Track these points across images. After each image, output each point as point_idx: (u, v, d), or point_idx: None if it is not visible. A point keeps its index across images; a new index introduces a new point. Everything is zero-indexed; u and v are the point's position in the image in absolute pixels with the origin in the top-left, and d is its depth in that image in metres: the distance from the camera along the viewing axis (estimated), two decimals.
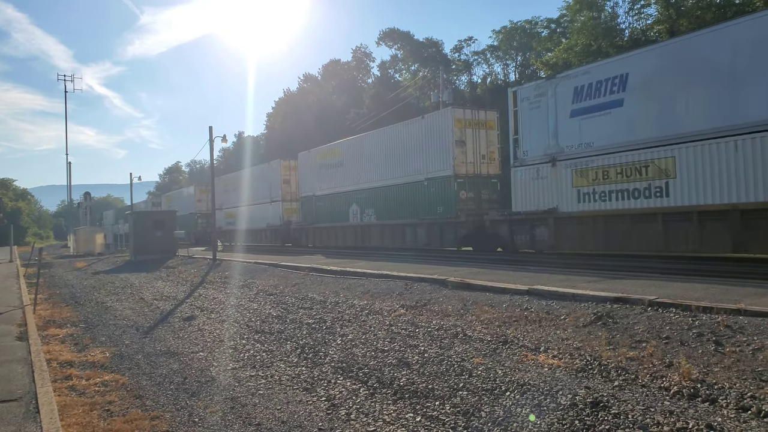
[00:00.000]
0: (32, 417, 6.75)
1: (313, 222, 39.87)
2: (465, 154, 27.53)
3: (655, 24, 48.24)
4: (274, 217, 44.90)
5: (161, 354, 10.64)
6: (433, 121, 29.26)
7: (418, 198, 29.60)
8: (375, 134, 34.97)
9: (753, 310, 9.06)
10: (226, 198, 53.01)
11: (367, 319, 12.32)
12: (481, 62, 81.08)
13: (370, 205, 33.73)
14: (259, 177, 47.80)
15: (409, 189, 30.27)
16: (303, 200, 41.74)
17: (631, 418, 5.93)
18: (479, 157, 27.96)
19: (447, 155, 27.63)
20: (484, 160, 28.09)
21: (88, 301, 18.86)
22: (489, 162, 28.23)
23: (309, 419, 6.82)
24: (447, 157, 27.62)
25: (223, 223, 52.10)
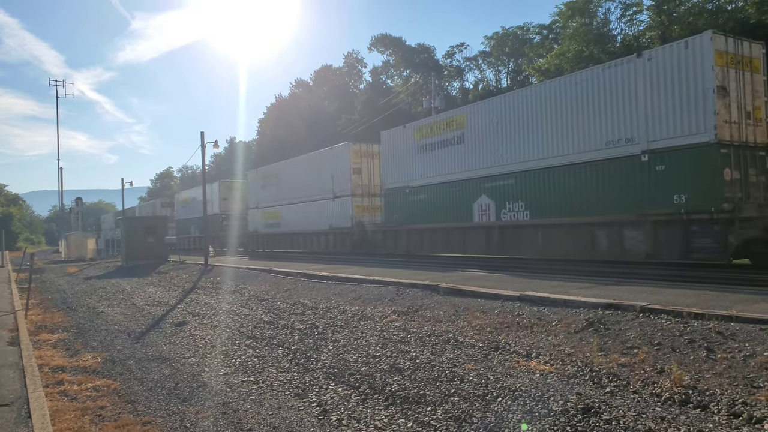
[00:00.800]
0: (24, 422, 6.72)
1: (406, 222, 29.57)
2: None
3: (647, 30, 48.53)
4: (340, 217, 34.62)
5: (153, 359, 10.62)
6: None
7: None
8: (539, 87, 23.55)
9: (745, 317, 9.09)
10: (265, 194, 43.78)
11: (358, 324, 12.32)
12: (473, 68, 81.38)
13: (516, 197, 23.14)
14: (317, 166, 37.23)
15: None
16: (388, 193, 31.09)
17: (623, 425, 5.95)
18: None
19: None
20: None
21: (80, 306, 18.79)
22: None
23: (300, 425, 6.81)
24: None
25: (260, 226, 44.59)
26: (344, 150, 34.70)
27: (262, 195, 44.50)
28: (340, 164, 35.10)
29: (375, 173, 34.25)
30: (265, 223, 43.90)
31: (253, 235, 45.75)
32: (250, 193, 41.70)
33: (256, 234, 45.08)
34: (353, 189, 34.19)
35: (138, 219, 47.21)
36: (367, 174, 34.62)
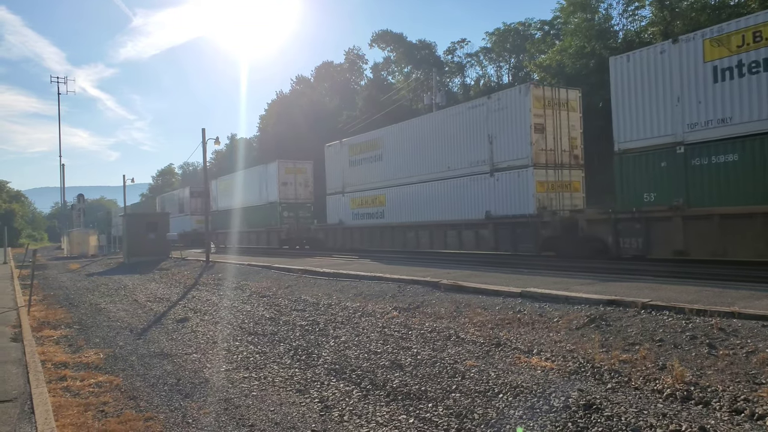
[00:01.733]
0: (27, 418, 6.74)
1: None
2: None
3: (649, 26, 48.45)
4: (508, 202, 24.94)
5: (155, 355, 10.63)
6: None
7: None
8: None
9: (746, 313, 9.09)
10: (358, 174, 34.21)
11: (360, 321, 12.33)
12: (474, 64, 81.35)
13: None
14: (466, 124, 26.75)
15: None
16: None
17: (624, 421, 5.96)
18: None
19: None
20: None
21: (82, 302, 18.82)
22: None
23: (302, 421, 6.83)
24: None
25: (348, 216, 34.76)
26: None
27: (353, 175, 34.84)
28: None
29: None
30: (354, 213, 34.38)
31: (335, 229, 36.27)
32: (332, 173, 36.36)
33: (341, 227, 35.57)
34: None
35: (140, 215, 47.19)
36: None
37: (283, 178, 42.58)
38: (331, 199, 36.75)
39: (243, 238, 46.99)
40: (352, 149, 34.73)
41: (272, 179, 43.31)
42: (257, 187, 45.65)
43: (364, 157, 33.55)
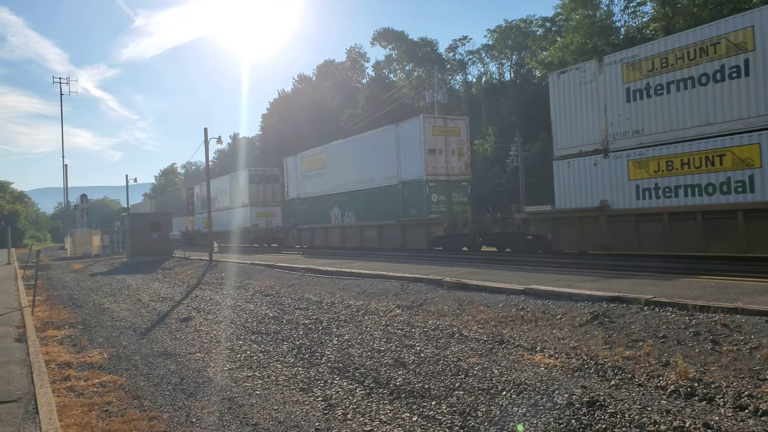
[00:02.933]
0: (31, 417, 6.76)
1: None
2: None
3: (651, 22, 48.37)
4: None
5: (158, 355, 10.65)
6: None
7: None
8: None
9: (750, 309, 9.07)
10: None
11: (363, 319, 12.34)
12: (476, 62, 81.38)
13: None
14: None
15: None
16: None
17: (628, 418, 5.95)
18: None
19: None
20: None
21: (86, 302, 18.85)
22: None
23: (306, 419, 6.83)
24: None
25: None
26: None
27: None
28: None
29: None
30: None
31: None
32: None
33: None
34: None
35: (143, 215, 47.20)
36: None
37: (431, 142, 29.80)
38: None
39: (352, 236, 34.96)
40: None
41: (413, 144, 30.30)
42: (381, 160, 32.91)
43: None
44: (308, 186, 39.85)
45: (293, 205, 41.69)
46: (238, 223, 46.77)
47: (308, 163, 39.97)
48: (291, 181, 42.10)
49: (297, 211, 41.20)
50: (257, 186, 46.33)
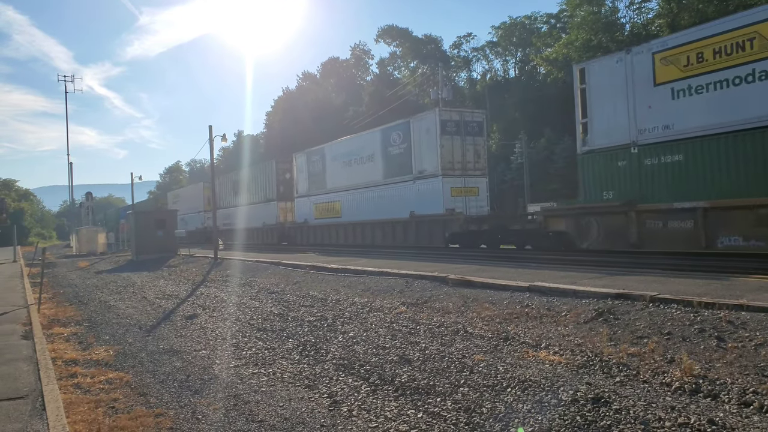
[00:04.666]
0: (39, 414, 6.80)
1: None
2: None
3: (656, 18, 48.23)
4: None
5: (164, 352, 10.69)
6: None
7: None
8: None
9: (755, 306, 9.06)
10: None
11: (368, 316, 12.35)
12: (480, 59, 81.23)
13: None
14: None
15: None
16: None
17: (633, 414, 5.96)
18: None
19: None
20: None
21: (92, 300, 18.91)
22: None
23: (311, 416, 6.86)
24: None
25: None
26: None
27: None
28: None
29: None
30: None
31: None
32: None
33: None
34: None
35: (148, 213, 47.28)
36: None
37: None
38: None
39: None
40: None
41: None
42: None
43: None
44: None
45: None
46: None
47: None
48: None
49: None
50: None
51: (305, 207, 40.41)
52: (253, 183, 47.00)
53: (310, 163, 39.88)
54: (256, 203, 46.38)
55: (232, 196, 51.14)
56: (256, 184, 46.58)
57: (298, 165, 41.56)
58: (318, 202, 38.92)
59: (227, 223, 51.44)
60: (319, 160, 38.84)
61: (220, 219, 49.97)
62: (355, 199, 34.73)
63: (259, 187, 45.98)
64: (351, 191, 35.06)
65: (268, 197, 44.89)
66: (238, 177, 51.00)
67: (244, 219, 47.87)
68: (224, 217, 51.52)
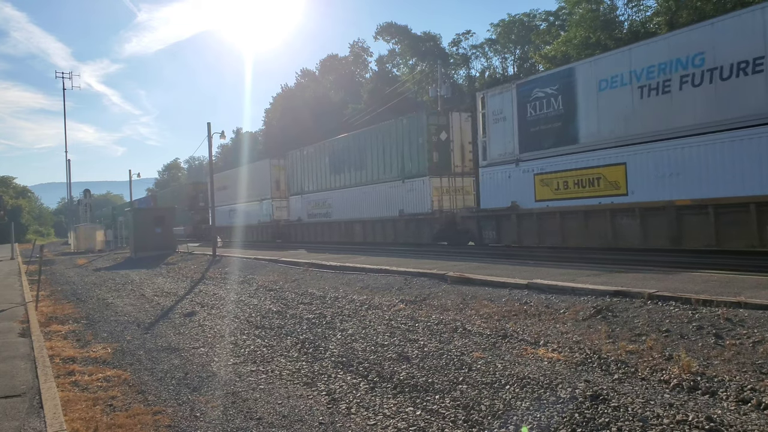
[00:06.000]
0: (36, 412, 6.79)
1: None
2: None
3: (654, 16, 48.16)
4: None
5: (162, 350, 10.68)
6: None
7: None
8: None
9: (753, 303, 9.08)
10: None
11: (366, 314, 12.35)
12: (479, 56, 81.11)
13: None
14: None
15: None
16: None
17: (631, 411, 5.96)
18: None
19: None
20: None
21: (90, 297, 18.89)
22: None
23: (310, 413, 6.85)
24: None
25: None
26: None
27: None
28: None
29: None
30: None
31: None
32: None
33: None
34: None
35: (146, 210, 47.30)
36: None
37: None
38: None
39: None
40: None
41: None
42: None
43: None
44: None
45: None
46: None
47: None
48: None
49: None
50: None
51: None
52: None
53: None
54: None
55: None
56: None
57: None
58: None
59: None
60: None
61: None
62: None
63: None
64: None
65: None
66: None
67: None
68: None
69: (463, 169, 28.68)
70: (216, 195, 48.27)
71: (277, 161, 44.23)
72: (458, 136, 28.59)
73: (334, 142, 37.64)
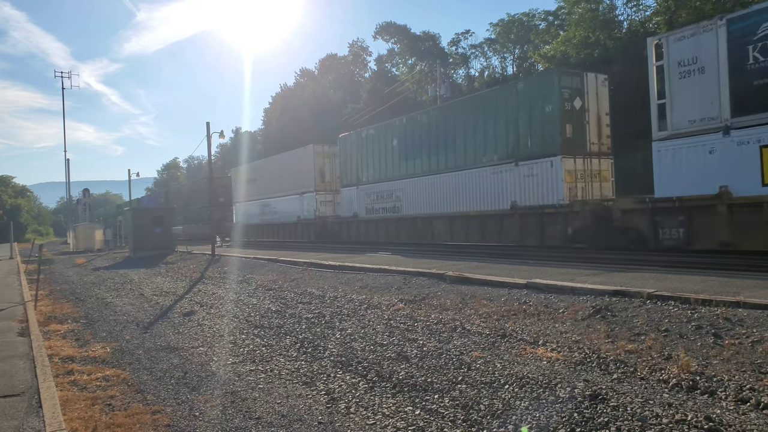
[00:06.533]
0: (35, 412, 6.78)
1: None
2: None
3: (653, 16, 48.15)
4: None
5: (161, 349, 10.67)
6: None
7: None
8: None
9: (752, 303, 9.08)
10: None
11: (365, 313, 12.35)
12: (478, 56, 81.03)
13: None
14: None
15: None
16: None
17: (630, 411, 5.96)
18: None
19: None
20: None
21: (89, 297, 18.88)
22: None
23: (309, 413, 6.85)
24: None
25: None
26: None
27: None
28: None
29: None
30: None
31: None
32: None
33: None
34: None
35: (145, 210, 47.28)
36: None
37: None
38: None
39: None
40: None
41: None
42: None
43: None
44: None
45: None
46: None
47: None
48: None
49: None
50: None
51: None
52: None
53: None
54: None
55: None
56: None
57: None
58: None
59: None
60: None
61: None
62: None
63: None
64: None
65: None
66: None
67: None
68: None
69: (600, 148, 21.89)
70: (244, 188, 45.57)
71: (321, 148, 38.19)
72: (594, 105, 21.82)
73: (407, 120, 30.15)
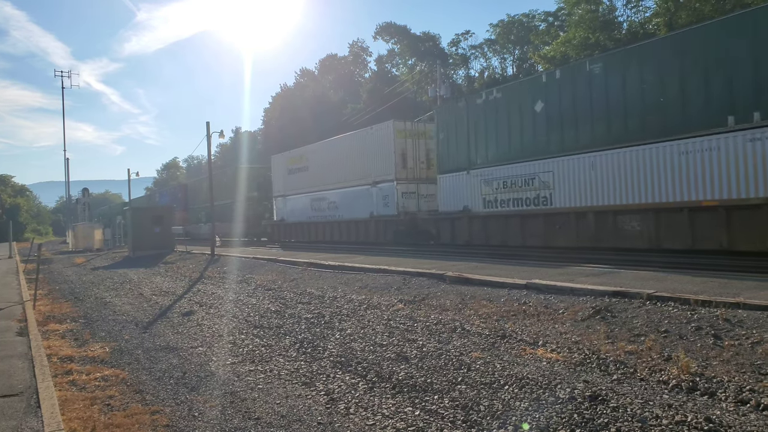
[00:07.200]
0: (33, 412, 6.77)
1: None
2: None
3: (653, 17, 48.20)
4: None
5: (161, 349, 10.66)
6: None
7: None
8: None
9: (752, 304, 9.08)
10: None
11: (365, 313, 12.33)
12: (478, 56, 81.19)
13: None
14: None
15: None
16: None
17: (630, 412, 5.95)
18: None
19: None
20: None
21: (88, 296, 18.86)
22: None
23: (308, 413, 6.84)
24: None
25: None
26: None
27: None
28: None
29: None
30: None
31: None
32: None
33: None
34: None
35: (145, 209, 47.22)
36: None
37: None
38: None
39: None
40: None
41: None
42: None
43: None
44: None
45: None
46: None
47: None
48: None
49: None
50: None
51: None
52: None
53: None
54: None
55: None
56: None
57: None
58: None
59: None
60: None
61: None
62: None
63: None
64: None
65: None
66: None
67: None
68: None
69: None
70: (288, 180, 40.92)
71: (402, 124, 30.66)
72: None
73: (562, 73, 21.42)
